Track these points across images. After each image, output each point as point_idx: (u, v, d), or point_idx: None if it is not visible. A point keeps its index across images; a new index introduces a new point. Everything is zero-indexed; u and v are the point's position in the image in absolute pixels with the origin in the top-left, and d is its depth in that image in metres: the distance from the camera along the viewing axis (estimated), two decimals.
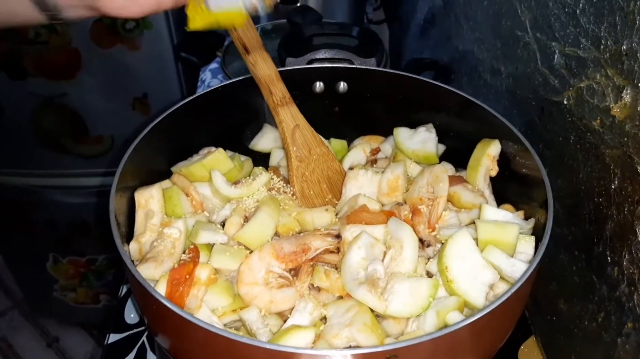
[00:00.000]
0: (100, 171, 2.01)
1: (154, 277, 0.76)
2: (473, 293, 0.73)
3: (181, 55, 1.58)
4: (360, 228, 0.81)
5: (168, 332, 0.71)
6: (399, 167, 0.92)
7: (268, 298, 0.77)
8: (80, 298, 2.42)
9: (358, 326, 0.70)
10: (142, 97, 1.86)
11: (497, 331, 0.73)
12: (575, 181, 0.82)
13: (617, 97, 0.70)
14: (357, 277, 0.75)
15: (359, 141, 1.10)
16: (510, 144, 0.88)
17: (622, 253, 0.71)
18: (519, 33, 0.96)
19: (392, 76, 1.00)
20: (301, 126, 0.97)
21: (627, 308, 0.71)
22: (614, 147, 0.72)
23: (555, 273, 0.89)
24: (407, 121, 1.02)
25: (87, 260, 2.27)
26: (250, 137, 1.07)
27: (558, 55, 0.84)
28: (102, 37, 1.72)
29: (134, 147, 0.82)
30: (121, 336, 0.98)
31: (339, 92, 1.04)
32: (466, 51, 1.23)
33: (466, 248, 0.76)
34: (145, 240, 0.80)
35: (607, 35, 0.71)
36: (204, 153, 0.97)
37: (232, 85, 0.98)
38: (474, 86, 1.20)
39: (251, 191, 0.91)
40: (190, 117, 0.94)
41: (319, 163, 0.98)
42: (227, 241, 0.83)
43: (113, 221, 0.72)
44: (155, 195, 0.84)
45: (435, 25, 1.49)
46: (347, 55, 1.17)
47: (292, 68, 1.03)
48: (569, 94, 0.82)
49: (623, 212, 0.71)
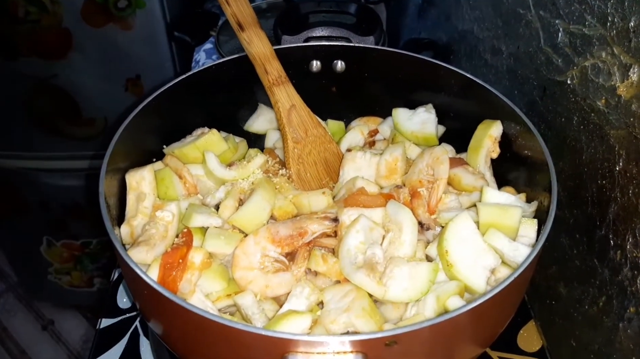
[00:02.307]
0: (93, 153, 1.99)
1: (145, 261, 0.74)
2: (474, 278, 0.72)
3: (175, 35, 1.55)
4: (358, 211, 0.80)
5: (161, 318, 0.70)
6: (397, 149, 0.91)
7: (264, 282, 0.76)
8: (74, 281, 2.42)
9: (356, 311, 0.69)
10: (135, 78, 1.84)
11: (498, 317, 0.72)
12: (578, 163, 0.81)
13: (623, 76, 0.69)
14: (355, 261, 0.74)
15: (356, 122, 1.08)
16: (513, 125, 0.87)
17: (626, 236, 0.70)
18: (521, 11, 0.94)
19: (391, 55, 0.99)
20: (297, 106, 0.95)
21: (630, 292, 0.70)
22: (619, 127, 0.71)
23: (556, 256, 0.89)
24: (406, 101, 1.00)
25: (81, 243, 2.26)
26: (245, 118, 1.06)
27: (562, 33, 0.82)
28: (94, 17, 1.69)
29: (124, 127, 0.81)
30: (114, 320, 0.97)
31: (337, 72, 1.03)
32: (466, 31, 1.21)
33: (467, 231, 0.75)
34: (137, 223, 0.79)
35: (614, 12, 0.70)
36: (197, 134, 0.95)
37: (226, 63, 0.96)
38: (473, 66, 1.18)
39: (246, 173, 0.89)
40: (183, 96, 0.92)
41: (316, 145, 0.97)
42: (222, 224, 0.81)
43: (103, 203, 0.71)
44: (147, 177, 0.82)
45: (434, 4, 1.47)
46: (345, 34, 1.15)
47: (288, 46, 1.01)
48: (572, 74, 0.81)
49: (627, 195, 0.70)
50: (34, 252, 2.29)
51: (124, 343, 0.93)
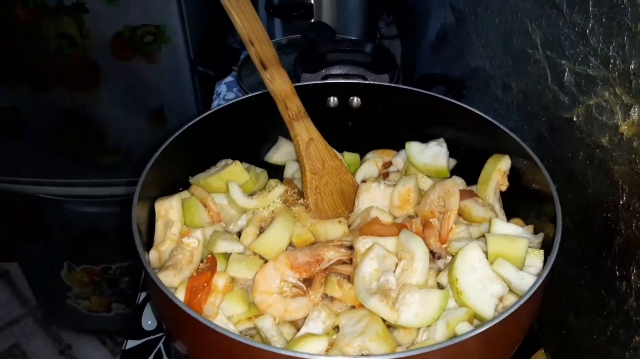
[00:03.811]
0: (116, 181, 2.03)
1: (173, 284, 0.77)
2: (482, 305, 0.74)
3: (198, 69, 1.61)
4: (372, 240, 0.82)
5: (186, 338, 0.73)
6: (410, 180, 0.94)
7: (282, 306, 0.79)
8: (93, 306, 2.44)
9: (370, 335, 0.71)
10: (159, 109, 1.89)
11: (505, 343, 0.74)
12: (584, 196, 0.83)
13: (625, 115, 0.72)
14: (369, 287, 0.76)
15: (371, 154, 1.11)
16: (521, 160, 0.89)
17: (630, 268, 0.72)
18: (529, 51, 0.98)
19: (404, 92, 1.02)
20: (315, 139, 0.99)
21: (635, 321, 0.71)
22: (622, 163, 0.73)
23: (565, 287, 0.90)
24: (418, 135, 1.03)
25: (101, 268, 2.29)
26: (266, 150, 1.09)
27: (568, 73, 0.85)
28: (121, 50, 1.75)
29: (155, 159, 0.85)
30: (138, 342, 1.00)
31: (353, 107, 1.06)
32: (478, 67, 1.25)
33: (476, 261, 0.77)
34: (165, 249, 0.82)
35: (615, 55, 0.73)
36: (221, 165, 0.99)
37: (248, 100, 1.00)
38: (485, 101, 1.21)
39: (267, 202, 0.92)
40: (208, 130, 0.96)
41: (332, 176, 1.00)
42: (244, 250, 0.84)
43: (135, 229, 0.74)
44: (175, 205, 0.86)
45: (448, 41, 1.51)
46: (361, 71, 1.19)
47: (308, 84, 1.05)
48: (578, 111, 0.83)
49: (631, 228, 0.72)
50: (54, 276, 2.32)
51: None
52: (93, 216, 2.12)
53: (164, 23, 1.68)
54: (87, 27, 1.69)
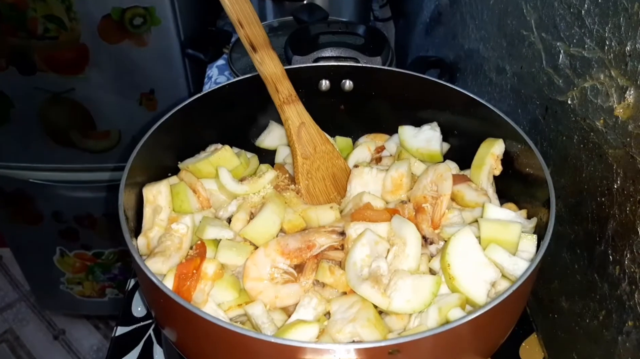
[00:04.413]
0: (107, 165, 2.02)
1: (161, 271, 0.77)
2: (475, 290, 0.74)
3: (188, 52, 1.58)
4: (364, 226, 0.82)
5: (175, 325, 0.72)
6: (403, 165, 0.93)
7: (273, 293, 0.78)
8: (86, 291, 2.44)
9: (361, 321, 0.71)
10: (149, 93, 1.87)
11: (498, 328, 0.74)
12: (578, 180, 0.82)
13: (620, 98, 0.71)
14: (360, 273, 0.76)
15: (363, 139, 1.10)
16: (514, 144, 0.89)
17: (624, 252, 0.72)
18: (524, 32, 0.97)
19: (397, 75, 1.01)
20: (307, 123, 0.98)
21: (628, 306, 0.72)
22: (617, 147, 0.72)
23: (557, 271, 0.90)
24: (411, 119, 1.02)
25: (94, 254, 2.29)
26: (257, 135, 1.08)
27: (563, 55, 0.84)
28: (110, 33, 1.73)
29: (142, 143, 0.83)
30: (128, 328, 1.00)
31: (345, 91, 1.05)
32: (472, 50, 1.24)
33: (469, 246, 0.76)
34: (153, 235, 0.81)
35: (611, 36, 0.72)
36: (210, 150, 0.98)
37: (238, 83, 0.99)
38: (479, 84, 1.20)
39: (257, 187, 0.92)
40: (198, 114, 0.95)
41: (324, 161, 0.99)
42: (234, 236, 0.84)
43: (122, 215, 0.73)
44: (163, 191, 0.85)
45: (441, 23, 1.49)
46: (353, 54, 1.17)
47: (299, 66, 1.03)
48: (573, 94, 0.83)
49: (625, 212, 0.71)
50: (47, 262, 2.32)
51: (138, 351, 0.96)
52: (84, 201, 2.11)
53: (153, 4, 1.66)
54: (75, 9, 1.66)
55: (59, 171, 2.05)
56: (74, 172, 2.05)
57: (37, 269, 2.41)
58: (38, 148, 1.99)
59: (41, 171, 2.04)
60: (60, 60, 1.79)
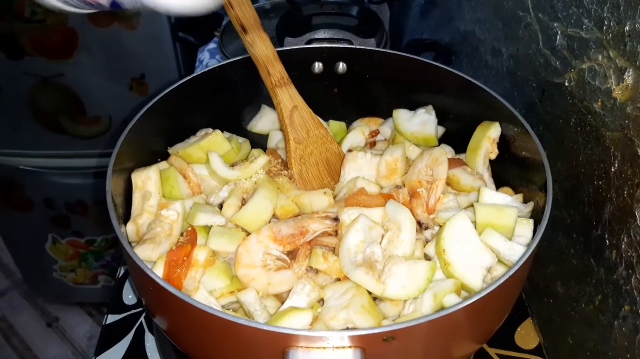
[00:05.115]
0: (98, 151, 2.00)
1: (151, 258, 0.76)
2: (470, 276, 0.73)
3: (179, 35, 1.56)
4: (358, 211, 0.81)
5: (166, 313, 0.71)
6: (398, 149, 0.92)
7: (266, 279, 0.77)
8: (79, 279, 2.44)
9: (355, 308, 0.70)
10: (140, 77, 1.85)
11: (494, 314, 0.73)
12: (575, 164, 0.82)
13: (618, 79, 0.70)
14: (354, 259, 0.75)
15: (358, 122, 1.09)
16: (511, 127, 0.88)
17: (621, 236, 0.71)
18: (520, 13, 0.95)
19: (391, 57, 0.99)
20: (299, 107, 0.96)
21: (624, 290, 0.71)
22: (615, 129, 0.71)
23: (553, 255, 0.90)
24: (406, 102, 1.01)
25: (86, 241, 2.27)
26: (248, 119, 1.07)
27: (560, 36, 0.83)
28: (99, 17, 1.70)
29: (130, 127, 0.82)
30: (119, 316, 0.99)
31: (338, 73, 1.04)
32: (467, 32, 1.22)
33: (464, 231, 0.76)
34: (143, 221, 0.80)
35: (610, 16, 0.71)
36: (201, 135, 0.96)
37: (229, 65, 0.97)
38: (474, 67, 1.19)
39: (249, 173, 0.90)
40: (188, 97, 0.93)
41: (318, 145, 0.98)
42: (225, 223, 0.83)
43: (110, 202, 0.72)
44: (153, 176, 0.83)
45: (437, 5, 1.48)
46: (347, 36, 1.15)
47: (291, 48, 1.02)
48: (570, 76, 0.81)
49: (622, 196, 0.71)
50: (39, 249, 2.30)
51: (129, 339, 0.95)
52: (76, 188, 2.09)
53: None
54: None
55: (49, 157, 2.03)
56: (65, 158, 2.03)
57: (29, 256, 2.40)
58: (28, 134, 1.96)
59: (31, 157, 2.02)
60: (49, 44, 1.76)
